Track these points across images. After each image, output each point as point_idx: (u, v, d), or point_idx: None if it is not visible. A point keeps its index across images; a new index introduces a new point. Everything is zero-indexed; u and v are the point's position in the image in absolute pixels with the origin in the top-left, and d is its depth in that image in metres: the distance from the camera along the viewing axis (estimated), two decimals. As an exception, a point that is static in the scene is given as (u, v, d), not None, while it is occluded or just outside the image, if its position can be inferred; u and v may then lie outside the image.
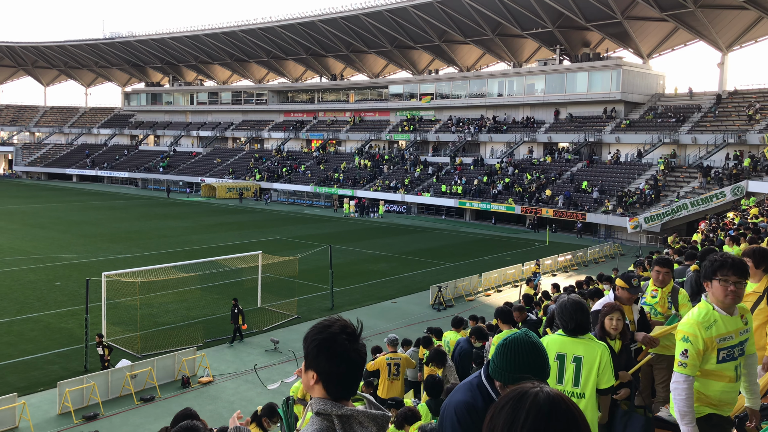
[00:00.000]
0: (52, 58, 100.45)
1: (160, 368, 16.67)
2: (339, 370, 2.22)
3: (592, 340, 4.69)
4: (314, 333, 2.27)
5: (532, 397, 1.72)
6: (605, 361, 4.59)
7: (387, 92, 76.00)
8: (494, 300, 26.42)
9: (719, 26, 52.71)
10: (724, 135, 47.50)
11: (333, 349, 2.22)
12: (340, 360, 2.22)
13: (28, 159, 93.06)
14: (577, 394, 4.58)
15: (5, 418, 13.81)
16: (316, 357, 2.23)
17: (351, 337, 2.25)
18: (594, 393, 4.58)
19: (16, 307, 23.43)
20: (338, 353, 2.22)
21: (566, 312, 4.72)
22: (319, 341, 2.24)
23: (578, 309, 4.64)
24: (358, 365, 2.26)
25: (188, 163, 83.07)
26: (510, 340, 2.89)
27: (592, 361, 4.56)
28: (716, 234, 22.36)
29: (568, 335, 4.66)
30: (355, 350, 2.24)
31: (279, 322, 22.42)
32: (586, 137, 55.59)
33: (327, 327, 2.27)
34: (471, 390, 2.98)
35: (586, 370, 4.55)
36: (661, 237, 42.18)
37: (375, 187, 61.91)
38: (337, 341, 2.23)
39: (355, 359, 2.24)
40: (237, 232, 43.86)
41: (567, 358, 4.61)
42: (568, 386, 4.60)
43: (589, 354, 4.58)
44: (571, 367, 4.59)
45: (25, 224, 44.74)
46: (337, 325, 2.27)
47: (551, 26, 58.56)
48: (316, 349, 2.24)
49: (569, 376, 4.60)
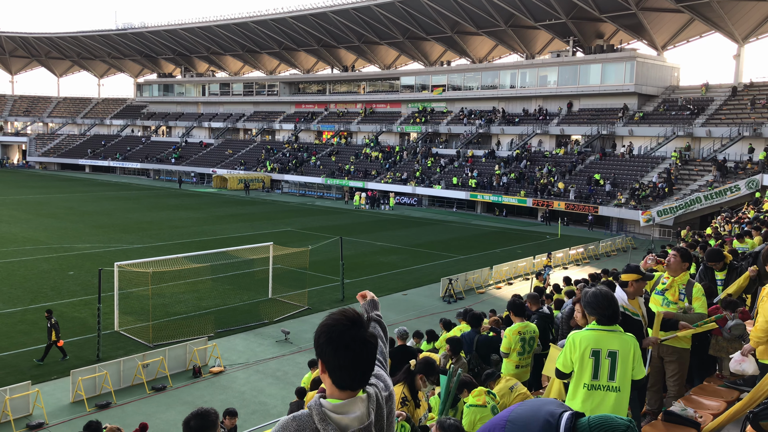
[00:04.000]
0: (65, 49, 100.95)
1: (171, 358, 16.77)
2: (342, 360, 2.24)
3: (624, 333, 4.68)
4: (322, 323, 2.31)
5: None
6: (638, 353, 4.59)
7: (398, 84, 75.76)
8: (505, 293, 26.35)
9: (735, 18, 52.03)
10: (739, 128, 46.99)
11: (334, 338, 2.25)
12: (343, 349, 2.24)
13: (41, 149, 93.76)
14: (613, 388, 4.56)
15: (19, 406, 13.96)
16: (321, 346, 2.27)
17: (355, 326, 2.27)
18: (628, 386, 4.56)
19: (29, 296, 23.66)
20: (340, 342, 2.25)
21: (602, 301, 4.69)
22: (324, 331, 2.27)
23: (605, 299, 4.65)
24: (362, 355, 2.26)
25: (200, 154, 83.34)
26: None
27: (626, 354, 4.56)
28: (731, 227, 22.19)
29: (603, 326, 4.64)
30: (358, 339, 2.25)
31: (290, 312, 22.49)
32: (599, 130, 55.18)
33: (333, 317, 2.31)
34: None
35: (622, 364, 4.54)
36: (674, 230, 41.88)
37: (386, 179, 61.85)
38: (340, 330, 2.26)
39: (357, 349, 2.25)
40: (248, 223, 44.00)
41: (602, 353, 4.58)
42: (603, 380, 4.57)
43: (624, 347, 4.58)
44: (607, 362, 4.57)
45: (39, 214, 45.11)
46: (343, 315, 2.30)
47: (564, 17, 58.05)
48: (320, 339, 2.28)
49: (605, 371, 4.57)
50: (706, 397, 6.16)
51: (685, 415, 5.44)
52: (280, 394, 15.54)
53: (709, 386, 6.57)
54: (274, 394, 15.70)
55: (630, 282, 5.95)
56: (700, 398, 6.12)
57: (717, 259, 8.70)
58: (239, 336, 20.10)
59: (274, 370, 17.32)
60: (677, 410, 5.52)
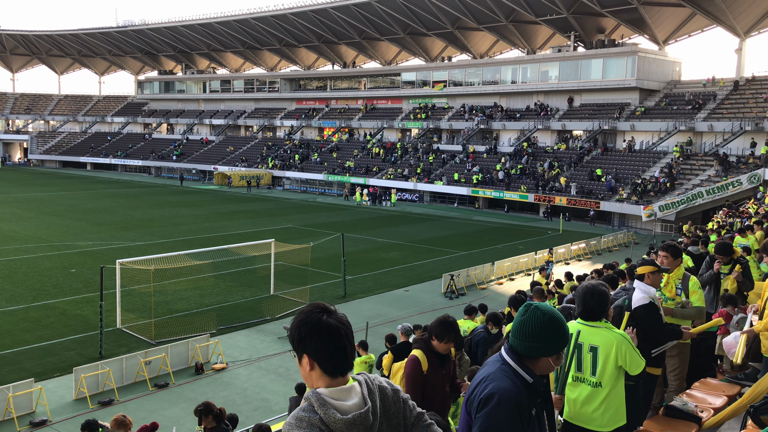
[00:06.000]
0: (65, 47, 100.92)
1: (174, 355, 16.80)
2: (330, 343, 2.30)
3: (610, 329, 4.63)
4: (297, 320, 2.37)
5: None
6: (624, 350, 4.52)
7: (399, 80, 75.68)
8: (507, 288, 26.36)
9: (737, 12, 51.88)
10: (741, 122, 46.89)
11: (316, 325, 2.31)
12: (326, 333, 2.31)
13: (42, 147, 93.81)
14: (594, 383, 4.56)
15: (23, 403, 14.01)
16: (305, 339, 2.32)
17: (328, 311, 2.36)
18: (614, 382, 4.54)
19: (32, 293, 23.71)
20: (321, 328, 2.31)
21: (578, 296, 4.70)
22: (303, 323, 2.33)
23: (589, 293, 4.59)
24: (343, 335, 2.33)
25: (201, 151, 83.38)
26: (529, 313, 2.97)
27: (608, 351, 4.52)
28: (733, 222, 22.17)
29: (585, 320, 4.63)
30: (338, 321, 2.34)
31: (292, 309, 22.51)
32: (600, 125, 55.10)
33: (304, 311, 2.38)
34: (506, 375, 2.97)
35: (603, 360, 4.52)
36: (675, 225, 41.84)
37: (387, 176, 61.83)
38: (317, 318, 2.33)
39: (337, 330, 2.32)
40: (249, 220, 44.03)
41: (584, 347, 4.58)
42: (586, 374, 4.59)
43: (605, 344, 4.54)
44: (588, 357, 4.57)
45: (41, 212, 45.17)
46: (312, 306, 2.39)
47: (566, 12, 57.92)
48: (302, 332, 2.32)
49: (587, 365, 4.58)
50: (708, 392, 6.16)
51: (686, 409, 5.44)
52: (282, 390, 15.57)
53: (710, 381, 6.57)
54: (276, 390, 15.73)
55: (646, 274, 5.96)
56: (701, 393, 6.11)
57: (726, 252, 8.66)
58: (241, 333, 20.13)
59: (276, 366, 17.35)
60: (678, 405, 5.52)
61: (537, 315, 2.95)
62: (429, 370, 5.54)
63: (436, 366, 5.59)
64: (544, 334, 2.92)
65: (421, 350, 5.62)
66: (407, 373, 5.61)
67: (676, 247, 6.89)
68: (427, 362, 5.55)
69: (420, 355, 5.58)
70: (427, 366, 5.54)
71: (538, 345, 2.93)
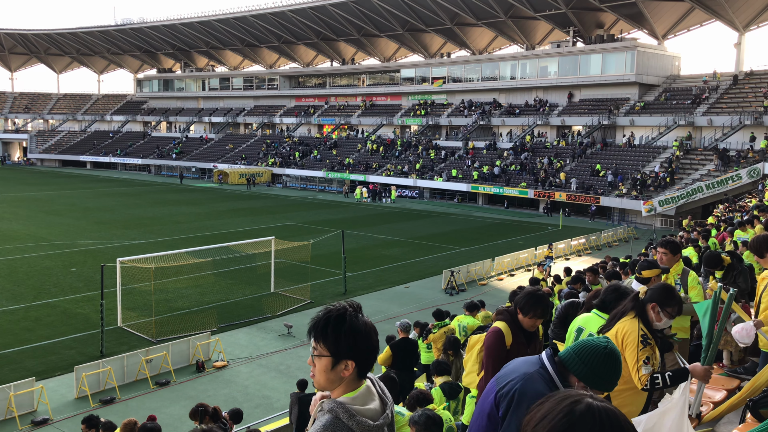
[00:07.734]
0: (64, 46, 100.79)
1: (175, 353, 16.83)
2: (369, 345, 2.32)
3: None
4: (336, 324, 2.28)
5: (585, 406, 1.62)
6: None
7: (399, 76, 75.60)
8: (507, 284, 26.39)
9: (736, 6, 51.79)
10: (740, 116, 46.86)
11: (355, 325, 2.29)
12: (371, 334, 2.33)
13: (42, 146, 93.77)
14: None
15: (24, 402, 14.04)
16: (357, 346, 2.28)
17: (358, 310, 2.36)
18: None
19: (33, 292, 23.72)
20: (358, 328, 2.30)
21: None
22: (340, 322, 2.28)
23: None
24: (375, 332, 2.37)
25: (200, 149, 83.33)
26: (610, 347, 2.86)
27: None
28: (733, 216, 22.17)
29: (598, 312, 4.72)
30: (367, 319, 2.36)
31: (292, 306, 22.54)
32: (599, 120, 55.06)
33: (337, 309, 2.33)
34: (544, 381, 2.89)
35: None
36: (675, 220, 41.84)
37: (387, 172, 61.81)
38: (360, 323, 2.31)
39: (372, 328, 2.35)
40: (250, 217, 44.03)
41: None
42: None
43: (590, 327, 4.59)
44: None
45: (41, 211, 45.17)
46: (344, 305, 2.35)
47: (564, 8, 57.82)
48: (356, 341, 2.28)
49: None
50: (707, 386, 6.16)
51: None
52: (283, 387, 15.59)
53: (709, 375, 6.58)
54: (277, 387, 15.76)
55: (653, 278, 5.93)
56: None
57: (714, 264, 8.54)
58: (242, 330, 20.15)
59: (277, 363, 17.38)
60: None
61: (614, 355, 2.85)
62: (513, 346, 4.81)
63: (521, 343, 4.83)
64: (609, 374, 2.85)
65: (505, 323, 4.90)
66: (488, 346, 4.96)
67: (675, 243, 6.89)
68: (511, 336, 4.85)
69: (504, 327, 4.87)
70: (511, 341, 4.84)
71: (596, 378, 2.85)
